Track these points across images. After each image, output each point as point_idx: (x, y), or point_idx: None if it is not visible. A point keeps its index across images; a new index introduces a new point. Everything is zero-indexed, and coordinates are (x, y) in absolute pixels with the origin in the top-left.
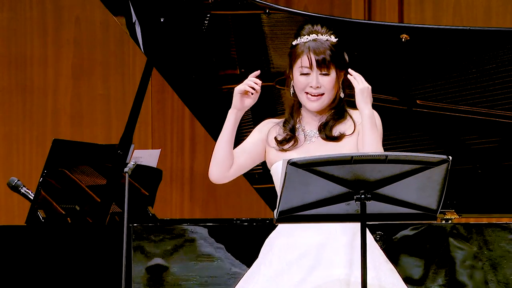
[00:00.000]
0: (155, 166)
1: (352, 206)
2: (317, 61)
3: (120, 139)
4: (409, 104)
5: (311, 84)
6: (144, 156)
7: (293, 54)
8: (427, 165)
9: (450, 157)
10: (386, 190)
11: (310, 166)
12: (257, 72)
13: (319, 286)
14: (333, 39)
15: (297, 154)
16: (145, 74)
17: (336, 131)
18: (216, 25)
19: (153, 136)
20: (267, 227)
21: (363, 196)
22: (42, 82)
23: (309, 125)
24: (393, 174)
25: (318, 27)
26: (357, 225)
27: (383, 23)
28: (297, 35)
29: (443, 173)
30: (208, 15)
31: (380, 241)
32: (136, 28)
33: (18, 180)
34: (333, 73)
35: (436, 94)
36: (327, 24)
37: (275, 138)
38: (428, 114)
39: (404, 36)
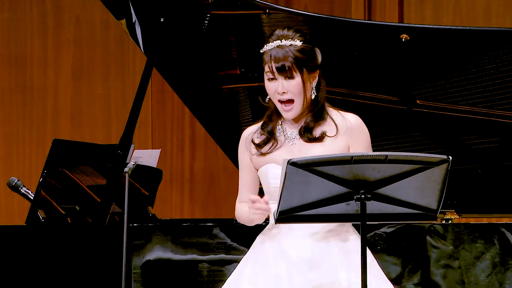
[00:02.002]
0: (155, 166)
1: (352, 206)
2: (277, 68)
3: (120, 139)
4: (409, 104)
5: (278, 90)
6: (144, 156)
7: (262, 62)
8: (427, 165)
9: (450, 157)
10: (386, 190)
11: (310, 166)
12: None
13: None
14: (298, 43)
15: (280, 155)
16: (145, 74)
17: (317, 132)
18: (216, 25)
19: (153, 136)
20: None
21: (363, 196)
22: (42, 82)
23: (289, 126)
24: (393, 174)
25: (284, 31)
26: (342, 226)
27: (383, 23)
28: (267, 41)
29: (443, 173)
30: (208, 15)
31: (381, 241)
32: (136, 28)
33: (18, 180)
34: (298, 77)
35: (436, 94)
36: (327, 24)
37: (253, 141)
38: (428, 114)
39: (404, 36)
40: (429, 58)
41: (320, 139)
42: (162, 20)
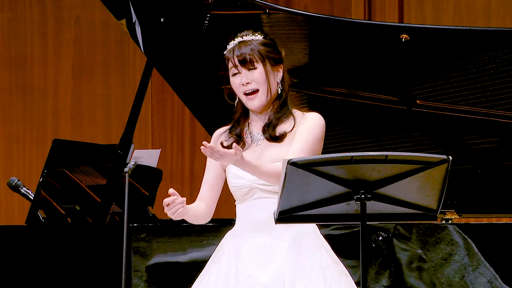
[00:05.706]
0: (155, 166)
1: (352, 206)
2: (239, 61)
3: (120, 139)
4: (409, 104)
5: (242, 82)
6: (144, 156)
7: (226, 62)
8: (427, 165)
9: (450, 157)
10: (386, 190)
11: (310, 166)
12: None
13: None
14: (259, 37)
15: (244, 156)
16: (145, 74)
17: (279, 131)
18: (216, 25)
19: (153, 136)
20: None
21: (363, 196)
22: (42, 82)
23: (256, 127)
24: (393, 174)
25: (245, 32)
26: (301, 226)
27: (383, 23)
28: (228, 44)
29: (443, 173)
30: (208, 15)
31: (382, 241)
32: (136, 28)
33: (18, 180)
34: (260, 67)
35: (436, 94)
36: (327, 24)
37: (221, 144)
38: (428, 114)
39: (404, 36)
40: (429, 58)
41: (280, 138)
42: (162, 20)
